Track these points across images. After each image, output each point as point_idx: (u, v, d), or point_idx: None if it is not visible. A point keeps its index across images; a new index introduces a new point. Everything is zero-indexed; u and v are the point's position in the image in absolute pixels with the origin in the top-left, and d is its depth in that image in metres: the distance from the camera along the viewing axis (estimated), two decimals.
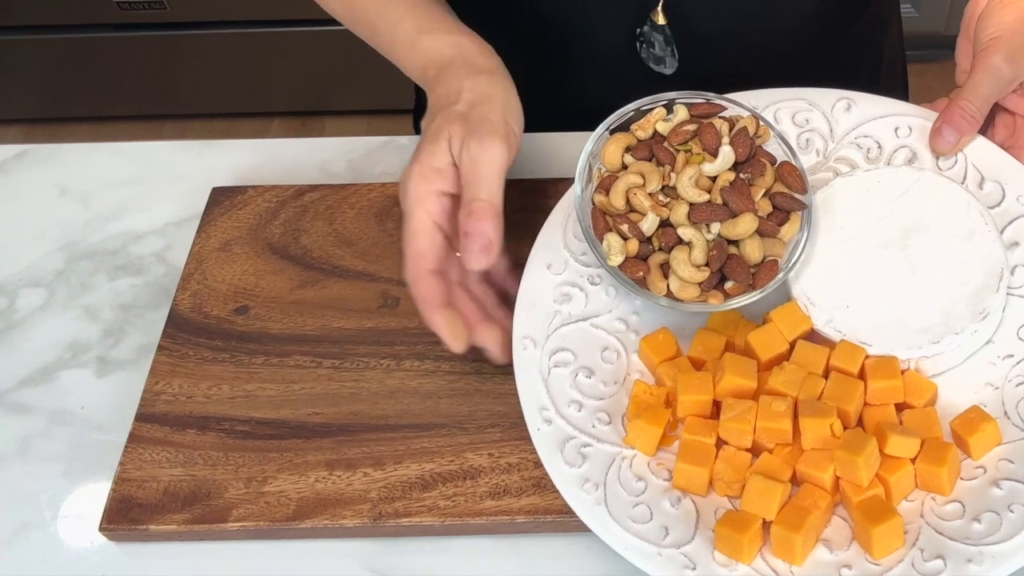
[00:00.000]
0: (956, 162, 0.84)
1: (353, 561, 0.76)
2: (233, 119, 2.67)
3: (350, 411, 0.80)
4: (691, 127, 0.79)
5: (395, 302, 0.86)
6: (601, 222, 0.78)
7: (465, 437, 0.79)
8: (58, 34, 2.51)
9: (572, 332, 0.80)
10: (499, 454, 0.78)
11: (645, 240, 0.77)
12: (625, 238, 0.77)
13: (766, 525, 0.70)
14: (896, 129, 0.87)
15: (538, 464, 0.76)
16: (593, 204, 0.79)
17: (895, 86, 1.19)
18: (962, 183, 0.83)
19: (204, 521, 0.76)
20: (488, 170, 0.76)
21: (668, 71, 0.96)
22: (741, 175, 0.78)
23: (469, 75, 0.81)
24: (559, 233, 0.83)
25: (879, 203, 0.82)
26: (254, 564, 0.76)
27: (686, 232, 0.76)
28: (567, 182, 0.92)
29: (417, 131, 1.18)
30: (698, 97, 0.81)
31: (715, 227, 0.77)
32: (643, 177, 0.78)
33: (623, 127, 0.81)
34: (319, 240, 0.90)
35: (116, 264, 0.94)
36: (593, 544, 0.75)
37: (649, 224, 0.77)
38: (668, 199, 0.78)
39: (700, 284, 0.76)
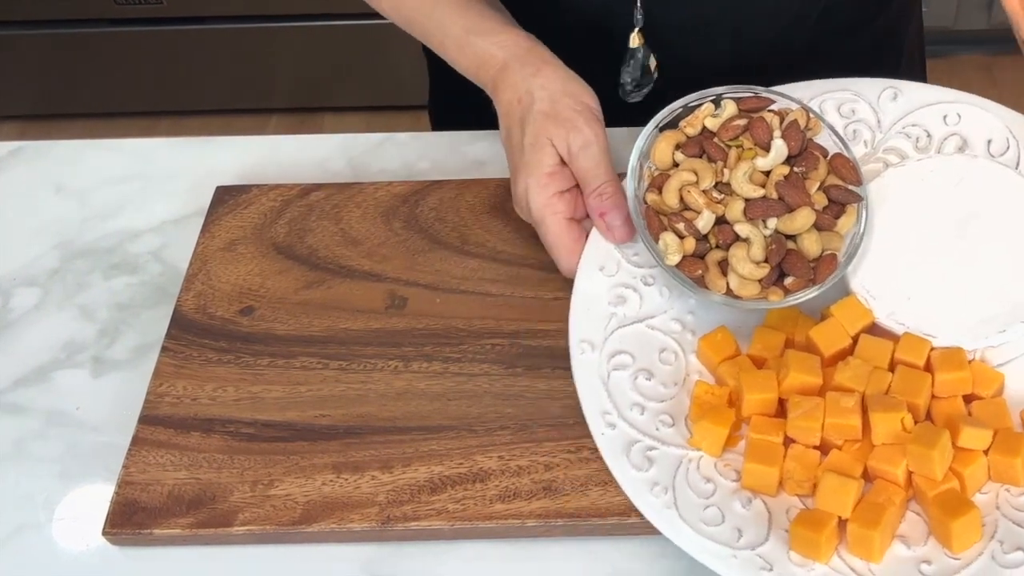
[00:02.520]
0: (1008, 147, 0.84)
1: (358, 566, 0.75)
2: (231, 116, 2.66)
3: (357, 413, 0.79)
4: (741, 122, 0.78)
5: (402, 302, 0.85)
6: (656, 221, 0.77)
7: (474, 439, 0.77)
8: (54, 29, 2.50)
9: (629, 334, 0.79)
10: (509, 457, 0.76)
11: (701, 238, 0.76)
12: (681, 236, 0.76)
13: (841, 523, 0.69)
14: (944, 117, 0.86)
15: (548, 467, 0.75)
16: (646, 203, 0.78)
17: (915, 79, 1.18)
18: (1016, 168, 0.83)
19: (209, 525, 0.75)
20: (597, 155, 0.81)
21: (636, 98, 0.95)
22: (795, 169, 0.77)
23: (532, 75, 0.84)
24: None
25: (934, 192, 0.81)
26: (256, 568, 0.75)
27: (743, 228, 0.76)
28: None
29: (434, 125, 1.18)
30: (746, 91, 0.80)
31: (772, 222, 0.76)
32: (696, 174, 0.77)
33: (671, 124, 0.80)
34: (325, 240, 0.89)
35: (112, 263, 0.93)
36: (601, 548, 0.75)
37: (705, 222, 0.76)
38: (722, 195, 0.77)
39: (760, 281, 0.76)
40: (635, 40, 0.92)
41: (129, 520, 0.75)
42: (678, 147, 0.79)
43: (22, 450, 0.82)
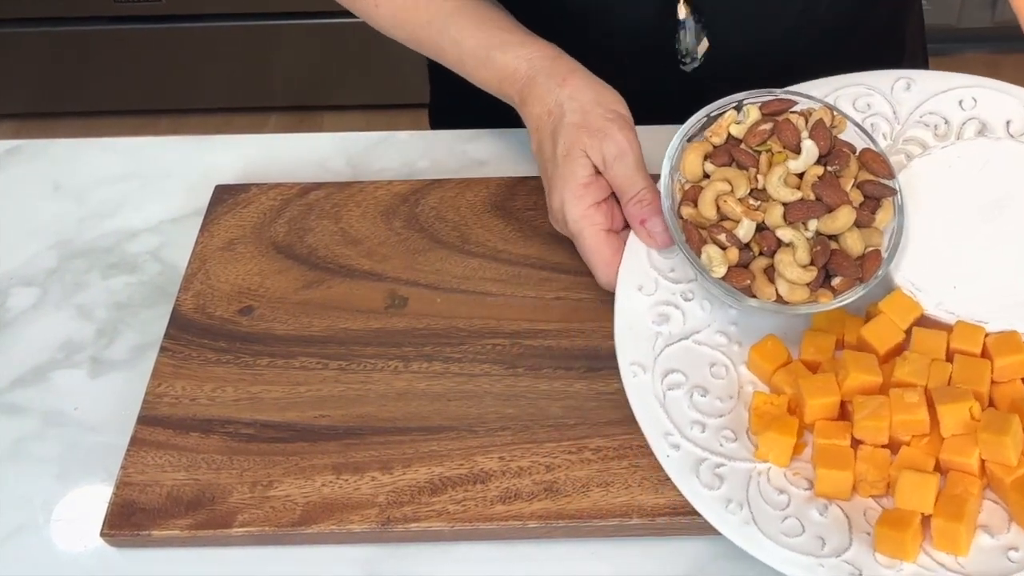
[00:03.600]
0: None
1: (358, 568, 0.74)
2: (230, 114, 2.65)
3: (357, 413, 0.79)
4: (767, 126, 0.77)
5: (403, 302, 0.84)
6: (695, 235, 0.76)
7: (475, 440, 0.77)
8: (51, 27, 2.49)
9: (677, 352, 0.78)
10: (510, 457, 0.76)
11: (744, 247, 0.76)
12: (723, 248, 0.75)
13: (923, 520, 0.69)
14: (960, 102, 0.86)
15: (549, 468, 0.75)
16: (682, 218, 0.77)
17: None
18: None
19: (208, 526, 0.74)
20: (632, 162, 0.81)
21: (694, 64, 0.95)
22: (828, 168, 0.77)
23: (558, 85, 0.83)
24: (642, 253, 0.82)
25: (963, 178, 0.81)
26: (255, 570, 0.75)
27: (786, 233, 0.75)
28: None
29: (434, 125, 1.17)
30: (765, 94, 0.80)
31: (812, 224, 0.75)
32: (730, 183, 0.76)
33: (695, 135, 0.80)
34: (325, 239, 0.89)
35: (110, 262, 0.92)
36: (602, 548, 0.74)
37: (745, 230, 0.75)
38: (759, 202, 0.76)
39: (808, 284, 0.75)
40: (682, 11, 0.92)
41: (127, 521, 0.75)
42: (707, 157, 0.78)
43: (20, 451, 0.81)
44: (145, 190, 0.98)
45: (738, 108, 0.79)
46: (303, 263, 0.87)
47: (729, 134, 0.79)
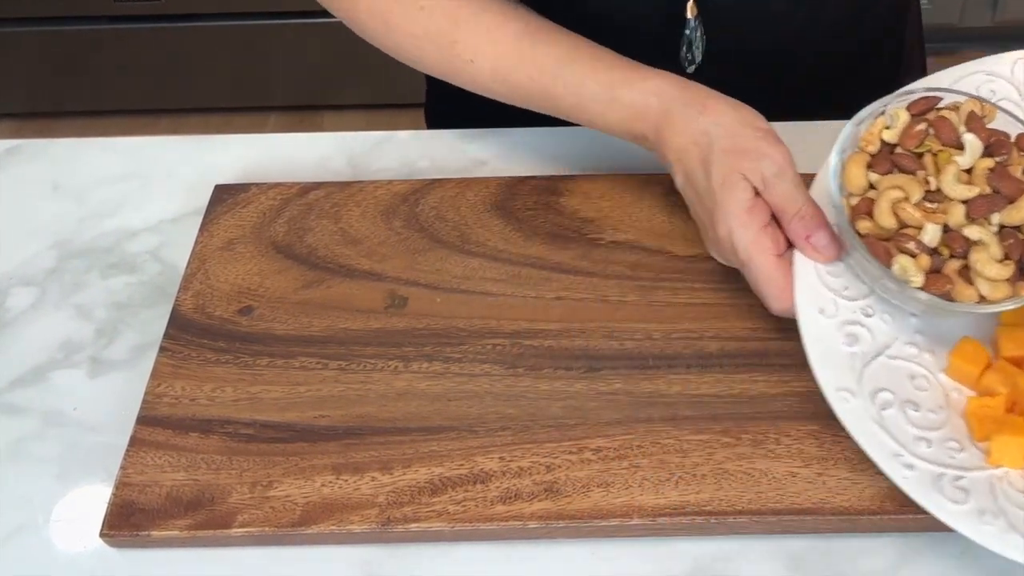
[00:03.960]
0: None
1: (358, 568, 0.74)
2: (230, 114, 2.65)
3: (357, 414, 0.78)
4: (921, 127, 0.76)
5: (403, 302, 0.84)
6: (881, 248, 0.74)
7: (475, 440, 0.77)
8: (50, 26, 2.49)
9: (876, 370, 0.76)
10: (510, 458, 0.76)
11: (932, 252, 0.74)
12: (913, 255, 0.73)
13: None
14: None
15: (550, 468, 0.75)
16: (861, 234, 0.75)
17: (915, 70, 1.18)
18: None
19: (207, 527, 0.74)
20: (791, 178, 0.78)
21: (691, 67, 0.94)
22: (995, 159, 0.75)
23: (699, 113, 0.81)
24: (812, 274, 0.79)
25: None
26: (255, 570, 0.74)
27: (974, 231, 0.73)
28: (579, 179, 0.91)
29: (430, 124, 1.17)
30: (905, 96, 0.77)
31: (995, 218, 0.74)
32: (902, 189, 0.74)
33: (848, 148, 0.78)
34: (324, 239, 0.88)
35: (110, 262, 0.92)
36: (602, 548, 0.74)
37: (931, 235, 0.73)
38: (935, 204, 0.74)
39: (1008, 280, 0.73)
40: (691, 11, 0.91)
41: (127, 522, 0.74)
42: (868, 168, 0.76)
43: (19, 451, 0.81)
44: (145, 190, 0.97)
45: (882, 114, 0.77)
46: (303, 263, 0.87)
47: (882, 141, 0.77)
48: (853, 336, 0.77)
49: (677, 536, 0.74)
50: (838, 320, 0.77)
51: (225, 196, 0.91)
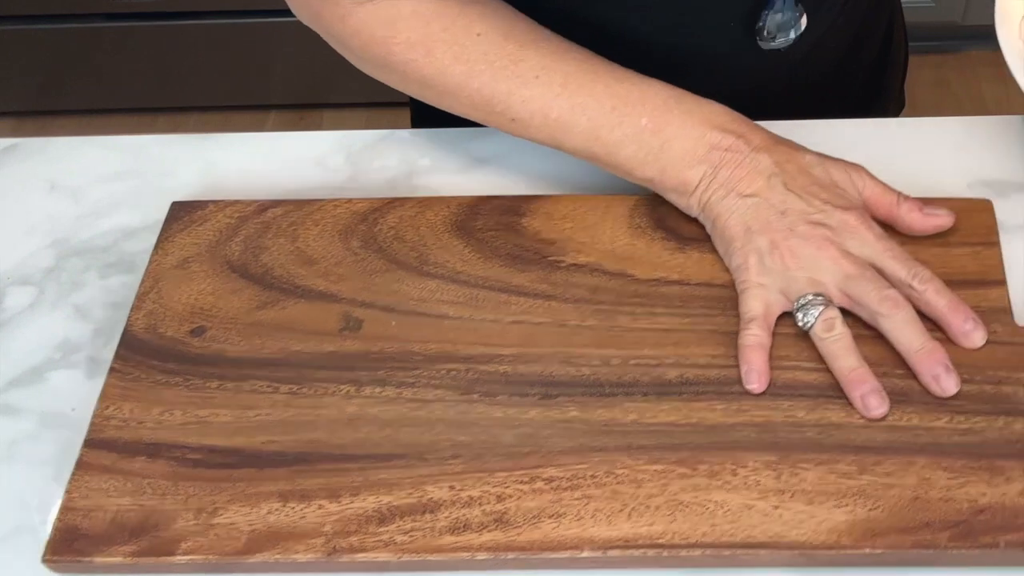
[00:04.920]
0: None
1: None
2: (228, 112, 2.64)
3: (307, 439, 0.77)
4: None
5: (357, 324, 0.83)
6: None
7: (425, 468, 0.75)
8: (48, 24, 2.49)
9: None
10: (460, 487, 0.74)
11: None
12: None
13: None
14: None
15: (501, 498, 0.73)
16: None
17: (898, 60, 1.20)
18: None
19: (151, 554, 0.73)
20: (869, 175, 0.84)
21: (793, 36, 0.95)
22: None
23: (755, 151, 0.84)
24: None
25: None
26: None
27: None
28: (542, 199, 0.89)
29: (415, 124, 1.15)
30: None
31: None
32: None
33: None
34: (280, 258, 0.87)
35: (108, 261, 0.92)
36: None
37: None
38: None
39: None
40: None
41: (70, 547, 0.73)
42: None
43: (16, 452, 0.80)
44: (143, 189, 0.97)
45: None
46: (257, 283, 0.86)
47: None
48: None
49: (629, 569, 0.73)
50: None
51: (181, 213, 0.90)
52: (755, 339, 0.79)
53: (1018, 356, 0.78)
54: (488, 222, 0.88)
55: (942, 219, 0.83)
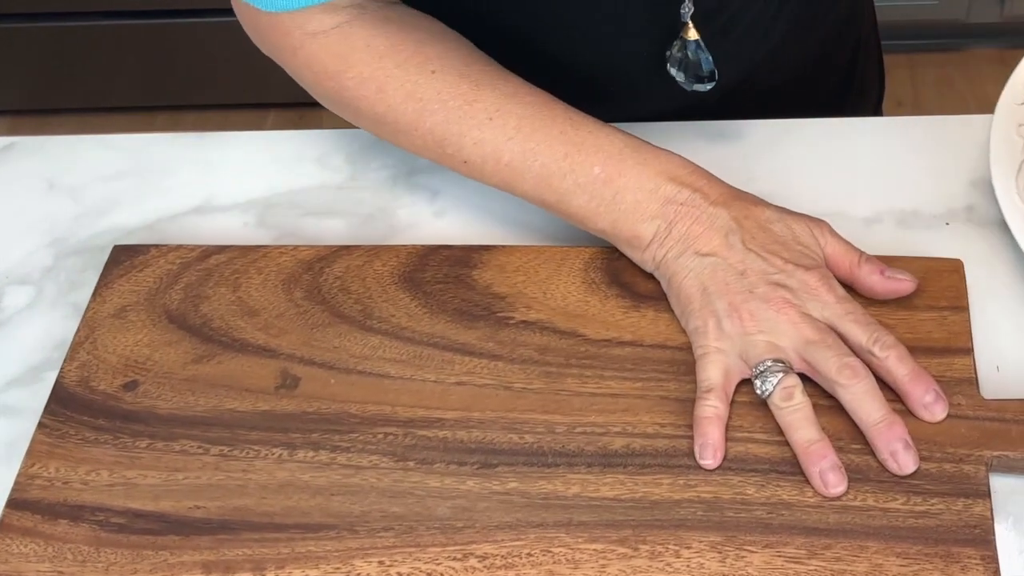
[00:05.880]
0: None
1: None
2: (228, 111, 2.61)
3: (234, 506, 0.74)
4: None
5: (294, 382, 0.79)
6: None
7: (355, 541, 0.72)
8: (45, 22, 2.46)
9: None
10: (390, 562, 0.71)
11: None
12: None
13: None
14: None
15: (431, 575, 0.70)
16: None
17: (872, 76, 1.18)
18: None
19: None
20: (831, 231, 0.82)
21: (708, 85, 0.90)
22: None
23: (712, 205, 0.81)
24: None
25: None
26: None
27: None
28: (495, 250, 0.86)
29: None
30: None
31: None
32: None
33: None
34: (220, 309, 0.84)
35: (106, 261, 0.89)
36: None
37: None
38: None
39: None
40: (692, 33, 0.87)
41: None
42: None
43: (14, 453, 0.79)
44: (141, 188, 0.96)
45: None
46: (195, 334, 0.82)
47: None
48: None
49: None
50: None
51: (122, 258, 0.87)
52: (713, 411, 0.75)
53: (980, 432, 0.74)
54: (437, 274, 0.84)
55: (903, 284, 0.79)
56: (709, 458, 0.74)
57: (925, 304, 0.80)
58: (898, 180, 0.91)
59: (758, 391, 0.76)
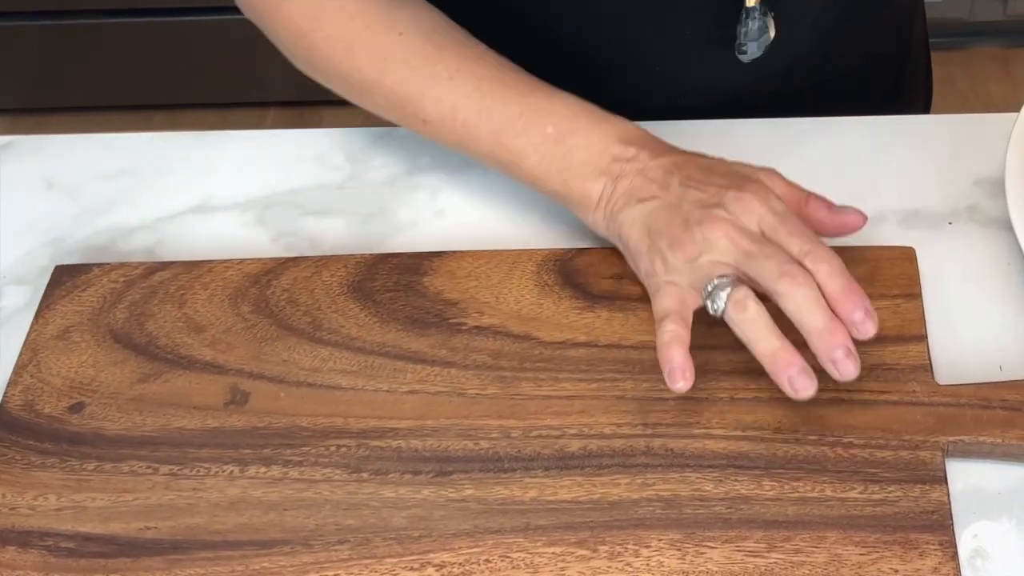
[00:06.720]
0: None
1: None
2: (226, 109, 2.60)
3: (186, 525, 0.73)
4: None
5: (244, 398, 0.78)
6: None
7: (310, 556, 0.71)
8: (43, 20, 2.45)
9: None
10: (346, 575, 0.70)
11: None
12: None
13: None
14: None
15: None
16: None
17: (920, 76, 1.17)
18: None
19: None
20: (780, 176, 0.80)
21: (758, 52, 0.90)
22: None
23: (655, 157, 0.80)
24: None
25: None
26: None
27: None
28: (446, 256, 0.85)
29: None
30: None
31: None
32: None
33: None
34: (166, 326, 0.82)
35: (105, 260, 0.89)
36: None
37: None
38: None
39: None
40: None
41: None
42: None
43: None
44: (140, 187, 0.95)
45: None
46: (141, 353, 0.81)
47: None
48: None
49: None
50: None
51: (64, 278, 0.85)
52: (671, 335, 0.73)
53: (935, 417, 0.73)
54: (387, 282, 0.83)
55: (851, 216, 0.77)
56: (679, 380, 0.72)
57: (878, 293, 0.79)
58: (900, 179, 0.90)
59: (711, 310, 0.73)
